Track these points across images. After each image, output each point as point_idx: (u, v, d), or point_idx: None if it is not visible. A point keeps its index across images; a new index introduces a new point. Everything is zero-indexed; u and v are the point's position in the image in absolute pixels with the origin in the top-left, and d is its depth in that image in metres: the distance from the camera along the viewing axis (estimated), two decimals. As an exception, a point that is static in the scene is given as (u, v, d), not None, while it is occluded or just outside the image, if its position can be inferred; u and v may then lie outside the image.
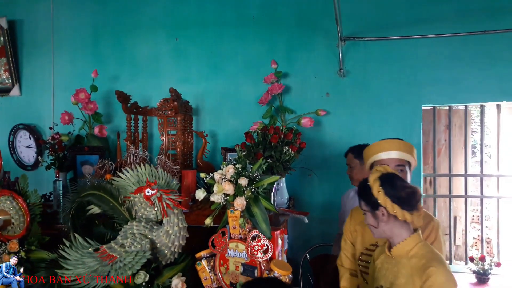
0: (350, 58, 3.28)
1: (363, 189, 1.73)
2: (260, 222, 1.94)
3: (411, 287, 1.61)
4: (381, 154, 2.02)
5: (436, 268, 1.57)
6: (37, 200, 2.56)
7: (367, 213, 1.74)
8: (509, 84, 3.03)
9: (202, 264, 2.08)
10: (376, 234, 1.73)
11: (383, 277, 1.74)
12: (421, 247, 1.67)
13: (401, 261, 1.69)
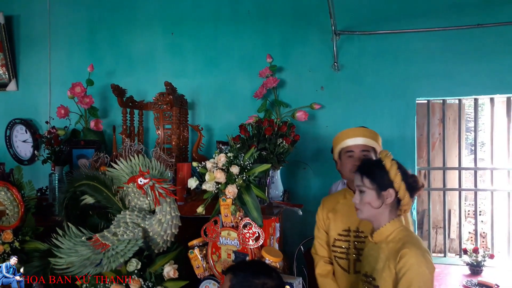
0: (344, 52, 3.29)
1: (371, 167, 1.71)
2: (252, 210, 1.95)
3: (387, 270, 1.63)
4: (347, 141, 2.13)
5: (408, 250, 1.58)
6: (32, 191, 2.58)
7: (367, 191, 1.70)
8: (503, 77, 3.04)
9: (195, 253, 2.10)
10: (363, 215, 1.72)
11: (367, 263, 1.76)
12: (399, 232, 1.69)
13: (381, 246, 1.71)
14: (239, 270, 1.49)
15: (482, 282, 2.67)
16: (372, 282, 1.70)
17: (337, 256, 2.09)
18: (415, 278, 1.55)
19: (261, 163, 2.66)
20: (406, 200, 1.69)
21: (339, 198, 2.21)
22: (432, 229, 3.45)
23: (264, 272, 1.47)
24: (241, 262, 1.67)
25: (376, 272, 1.68)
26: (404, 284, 1.56)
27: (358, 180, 1.73)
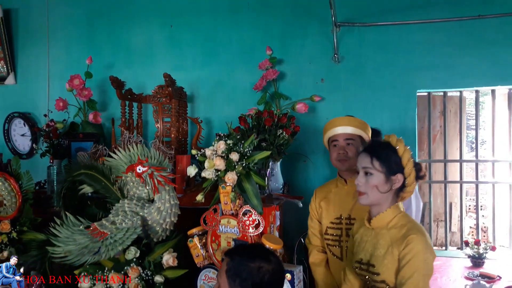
0: (344, 44, 3.27)
1: (383, 150, 1.65)
2: (251, 197, 1.93)
3: (389, 257, 1.59)
4: (332, 130, 2.17)
5: (416, 236, 1.56)
6: (30, 182, 2.55)
7: (375, 174, 1.63)
8: (504, 69, 3.02)
9: (194, 241, 2.07)
10: (367, 200, 1.67)
11: (362, 250, 1.72)
12: (400, 218, 1.66)
13: (381, 232, 1.67)
14: (236, 254, 1.48)
15: (484, 274, 2.65)
16: (370, 269, 1.66)
17: (330, 244, 2.12)
18: (420, 265, 1.53)
19: (261, 154, 2.67)
20: (411, 188, 1.66)
21: (331, 187, 2.25)
22: (433, 222, 3.43)
23: (261, 255, 1.44)
24: (240, 245, 1.65)
25: (375, 258, 1.64)
26: (409, 270, 1.53)
27: (366, 162, 1.66)
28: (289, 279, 1.87)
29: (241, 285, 1.39)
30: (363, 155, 1.69)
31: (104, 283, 1.92)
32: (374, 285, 1.66)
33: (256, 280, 1.39)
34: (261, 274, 1.40)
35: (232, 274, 1.42)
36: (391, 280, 1.60)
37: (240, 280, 1.40)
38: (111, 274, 1.92)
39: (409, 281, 1.52)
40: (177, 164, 2.96)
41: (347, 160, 2.13)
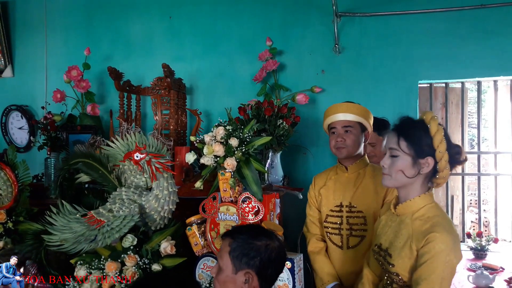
0: (345, 34, 3.23)
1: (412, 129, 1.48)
2: (251, 184, 1.90)
3: (407, 251, 1.47)
4: (330, 117, 2.11)
5: (439, 234, 1.39)
6: (26, 171, 2.52)
7: (402, 156, 1.46)
8: (506, 59, 2.97)
9: (193, 229, 2.04)
10: (391, 182, 1.52)
11: (384, 234, 1.61)
12: (429, 209, 1.49)
13: (405, 220, 1.52)
14: (238, 233, 1.44)
15: (486, 265, 2.62)
16: (386, 258, 1.55)
17: (330, 232, 2.08)
18: (440, 266, 1.38)
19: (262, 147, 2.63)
20: (445, 173, 1.48)
21: (330, 174, 2.20)
22: (435, 215, 3.39)
23: (265, 234, 1.42)
24: (238, 226, 1.61)
25: (393, 248, 1.52)
26: (426, 271, 1.39)
27: (392, 142, 1.49)
28: (289, 267, 1.83)
29: (248, 264, 1.36)
30: (391, 134, 1.52)
31: (101, 271, 1.88)
32: (389, 275, 1.56)
33: (265, 257, 1.37)
34: (269, 251, 1.38)
35: (238, 254, 1.38)
36: (404, 274, 1.49)
37: (247, 259, 1.37)
38: (107, 262, 1.88)
39: (425, 282, 1.39)
40: (175, 156, 2.92)
41: (345, 148, 2.08)
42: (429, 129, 1.45)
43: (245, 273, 1.36)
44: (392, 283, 1.56)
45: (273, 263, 1.38)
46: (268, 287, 1.41)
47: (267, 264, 1.36)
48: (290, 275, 1.83)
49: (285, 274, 1.83)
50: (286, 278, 1.83)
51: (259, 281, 1.37)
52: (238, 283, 1.36)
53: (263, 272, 1.36)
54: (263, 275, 1.37)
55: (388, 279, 1.58)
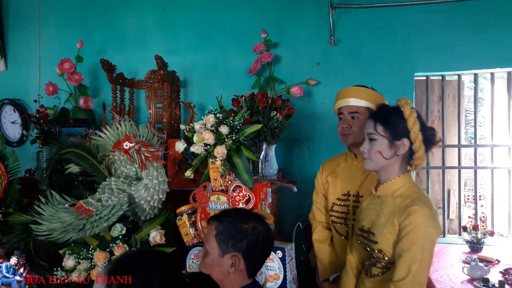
0: (341, 26, 3.20)
1: (387, 113, 1.59)
2: (242, 172, 1.87)
3: (390, 226, 1.53)
4: (338, 102, 2.06)
5: (418, 207, 1.47)
6: (16, 163, 2.47)
7: (379, 139, 1.56)
8: (503, 51, 2.95)
9: (183, 219, 2.01)
10: (370, 165, 1.60)
11: (366, 217, 1.66)
12: (409, 187, 1.57)
13: (386, 200, 1.59)
14: (226, 217, 1.41)
15: (482, 257, 2.59)
16: (369, 237, 1.60)
17: (335, 221, 2.02)
18: (420, 237, 1.46)
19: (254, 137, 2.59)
20: (420, 154, 1.56)
21: (339, 161, 2.13)
22: (431, 209, 3.36)
23: (252, 217, 1.39)
24: (225, 210, 1.58)
25: (376, 227, 1.58)
26: (407, 242, 1.47)
27: (370, 128, 1.59)
28: (280, 257, 1.80)
29: (235, 247, 1.34)
30: (368, 121, 1.63)
31: (89, 261, 1.85)
32: (372, 254, 1.60)
33: (252, 239, 1.34)
34: (256, 233, 1.35)
35: (224, 237, 1.36)
36: (388, 251, 1.54)
37: (233, 242, 1.34)
38: (96, 252, 1.85)
39: (407, 253, 1.46)
40: (169, 149, 2.89)
41: (351, 134, 1.99)
42: (403, 112, 1.55)
43: (232, 256, 1.34)
44: (376, 263, 1.60)
45: (260, 246, 1.35)
46: (255, 270, 1.38)
47: (254, 247, 1.34)
48: (281, 265, 1.79)
49: (276, 264, 1.80)
50: (277, 267, 1.80)
51: (245, 264, 1.34)
52: (224, 266, 1.33)
53: (250, 255, 1.34)
54: (250, 258, 1.34)
55: (371, 259, 1.62)
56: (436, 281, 2.27)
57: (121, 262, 0.99)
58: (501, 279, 2.20)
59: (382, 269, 1.58)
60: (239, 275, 1.34)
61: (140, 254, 1.04)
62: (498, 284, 2.15)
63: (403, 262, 1.46)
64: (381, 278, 1.58)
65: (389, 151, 1.55)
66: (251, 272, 1.37)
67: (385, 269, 1.58)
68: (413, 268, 1.44)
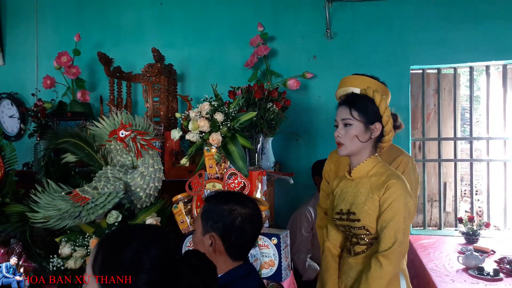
0: (337, 19, 3.22)
1: (360, 100, 1.68)
2: (237, 160, 1.88)
3: (370, 203, 1.61)
4: (338, 91, 2.13)
5: (396, 181, 1.59)
6: (13, 153, 2.47)
7: (355, 124, 1.65)
8: (498, 43, 2.98)
9: (179, 207, 2.01)
10: (346, 150, 1.68)
11: (342, 201, 1.73)
12: (380, 166, 1.68)
13: (361, 181, 1.68)
14: (213, 198, 1.42)
15: (477, 248, 2.61)
16: (350, 217, 1.67)
17: None
18: (401, 208, 1.57)
19: (251, 128, 2.61)
20: (389, 137, 1.69)
21: None
22: (427, 202, 3.37)
23: (236, 200, 1.38)
24: (218, 191, 1.59)
25: (355, 206, 1.65)
26: (390, 213, 1.57)
27: (345, 113, 1.68)
28: (275, 243, 1.81)
29: (213, 227, 1.34)
30: (342, 107, 1.71)
31: (85, 248, 1.86)
32: (354, 232, 1.67)
33: (227, 222, 1.33)
34: (232, 216, 1.34)
35: (206, 217, 1.37)
36: (371, 226, 1.62)
37: (212, 222, 1.35)
38: (92, 239, 1.86)
39: (391, 223, 1.56)
40: (166, 141, 2.89)
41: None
42: (374, 99, 1.66)
43: (210, 236, 1.34)
44: (358, 242, 1.67)
45: (237, 229, 1.33)
46: (238, 254, 1.37)
47: (230, 229, 1.33)
48: (276, 251, 1.80)
49: (271, 250, 1.81)
50: (272, 254, 1.81)
51: (224, 245, 1.34)
52: (206, 245, 1.34)
53: (227, 237, 1.33)
54: (227, 240, 1.33)
55: (353, 239, 1.69)
56: (432, 270, 2.29)
57: (113, 235, 1.00)
58: (495, 268, 2.21)
59: (366, 245, 1.66)
60: (220, 256, 1.33)
61: (133, 228, 1.05)
62: (492, 272, 2.17)
63: (388, 232, 1.56)
64: (365, 254, 1.65)
65: (365, 135, 1.66)
66: (234, 255, 1.35)
67: (369, 245, 1.65)
68: (398, 236, 1.55)
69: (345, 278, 1.70)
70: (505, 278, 2.14)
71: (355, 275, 1.66)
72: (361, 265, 1.65)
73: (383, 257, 1.54)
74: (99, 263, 0.95)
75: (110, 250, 0.95)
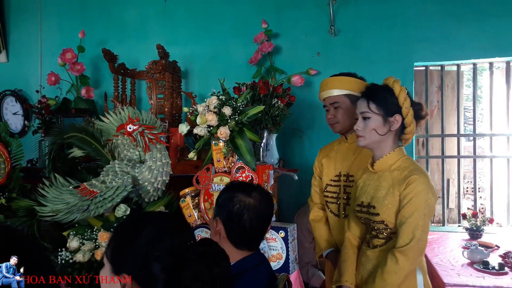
0: (341, 16, 3.22)
1: (378, 92, 1.64)
2: (245, 154, 1.89)
3: (390, 198, 1.59)
4: (320, 95, 2.12)
5: (418, 176, 1.56)
6: (19, 148, 2.49)
7: (373, 117, 1.62)
8: (501, 40, 2.98)
9: (186, 201, 2.03)
10: (365, 141, 1.65)
11: (364, 193, 1.71)
12: (404, 160, 1.65)
13: (383, 174, 1.66)
14: (228, 185, 1.47)
15: (482, 243, 2.62)
16: (370, 211, 1.64)
17: (328, 201, 2.08)
18: (421, 204, 1.54)
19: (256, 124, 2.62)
20: (411, 128, 1.65)
21: (334, 145, 2.20)
22: (431, 198, 3.38)
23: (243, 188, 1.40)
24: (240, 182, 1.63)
25: (376, 200, 1.63)
26: (410, 209, 1.54)
27: (363, 106, 1.64)
28: (283, 236, 1.83)
29: (218, 213, 1.40)
30: (360, 100, 1.68)
31: (93, 241, 1.87)
32: (373, 226, 1.66)
33: (228, 209, 1.37)
34: (232, 203, 1.37)
35: (216, 202, 1.42)
36: (390, 221, 1.60)
37: (217, 208, 1.41)
38: (100, 232, 1.87)
39: (410, 219, 1.54)
40: (170, 137, 2.90)
41: (337, 123, 2.07)
42: (393, 90, 1.62)
43: (215, 220, 1.38)
44: (377, 234, 1.65)
45: (238, 218, 1.35)
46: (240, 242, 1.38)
47: (231, 217, 1.36)
48: (284, 244, 1.82)
49: (278, 243, 1.83)
50: (280, 247, 1.83)
51: (226, 231, 1.37)
52: (212, 228, 1.41)
53: (229, 224, 1.37)
54: (229, 227, 1.37)
55: (372, 232, 1.67)
56: (437, 264, 2.30)
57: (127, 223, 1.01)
58: (500, 262, 2.22)
59: (384, 239, 1.64)
60: (224, 242, 1.36)
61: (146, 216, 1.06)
62: (497, 266, 2.18)
63: (407, 228, 1.54)
64: (383, 248, 1.64)
65: (383, 128, 1.62)
66: (236, 243, 1.38)
67: (387, 240, 1.63)
68: (416, 233, 1.52)
69: (362, 270, 1.69)
70: (510, 272, 2.15)
71: (371, 268, 1.64)
72: (377, 259, 1.63)
73: (399, 253, 1.53)
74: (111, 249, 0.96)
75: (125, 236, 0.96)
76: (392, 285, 1.54)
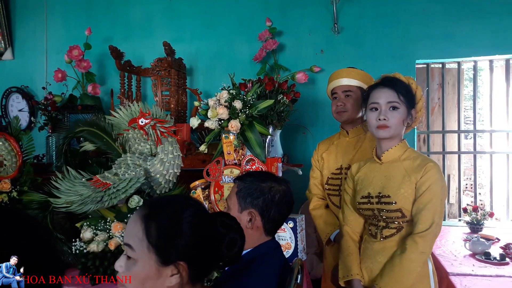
0: (344, 14, 3.28)
1: (404, 85, 1.68)
2: (255, 146, 1.94)
3: (407, 185, 1.63)
4: (332, 83, 2.20)
5: (433, 164, 1.64)
6: (30, 142, 2.52)
7: (402, 108, 1.64)
8: (502, 38, 3.04)
9: (197, 193, 2.08)
10: (391, 132, 1.66)
11: (370, 184, 1.74)
12: (410, 151, 1.72)
13: (392, 165, 1.70)
14: (248, 176, 1.50)
15: (482, 235, 2.67)
16: (383, 200, 1.67)
17: (330, 193, 2.14)
18: (439, 191, 1.61)
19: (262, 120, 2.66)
20: (416, 123, 1.74)
21: (333, 140, 2.26)
22: (432, 194, 3.44)
23: (272, 177, 1.47)
24: (250, 171, 1.67)
25: (389, 189, 1.66)
26: (429, 196, 1.60)
27: (393, 96, 1.65)
28: (291, 226, 1.88)
29: (252, 204, 1.42)
30: (387, 90, 1.68)
31: (107, 232, 1.91)
32: (385, 216, 1.67)
33: (267, 198, 1.42)
34: (272, 193, 1.42)
35: (243, 195, 1.44)
36: (407, 208, 1.64)
37: (251, 199, 1.43)
38: (113, 223, 1.91)
39: (429, 205, 1.59)
40: (176, 133, 2.94)
41: (345, 111, 2.14)
42: (411, 86, 1.70)
43: (249, 212, 1.42)
44: (387, 225, 1.68)
45: (277, 205, 1.42)
46: (272, 229, 1.45)
47: (270, 205, 1.41)
48: (293, 234, 1.87)
49: (287, 233, 1.88)
50: (288, 237, 1.88)
51: (262, 221, 1.42)
52: (243, 221, 1.41)
53: (266, 213, 1.41)
54: (266, 216, 1.42)
55: (381, 222, 1.69)
56: (440, 255, 2.36)
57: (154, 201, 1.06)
58: (502, 253, 2.28)
59: (396, 228, 1.67)
60: (257, 231, 1.41)
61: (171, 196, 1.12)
62: (499, 257, 2.24)
63: (426, 213, 1.59)
64: (394, 238, 1.67)
65: (407, 119, 1.68)
66: (268, 231, 1.44)
67: (399, 229, 1.67)
68: (435, 218, 1.59)
69: (371, 263, 1.70)
70: (511, 262, 2.21)
71: (384, 259, 1.66)
72: (390, 249, 1.65)
73: (420, 238, 1.57)
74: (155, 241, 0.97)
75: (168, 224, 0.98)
76: (414, 271, 1.58)
